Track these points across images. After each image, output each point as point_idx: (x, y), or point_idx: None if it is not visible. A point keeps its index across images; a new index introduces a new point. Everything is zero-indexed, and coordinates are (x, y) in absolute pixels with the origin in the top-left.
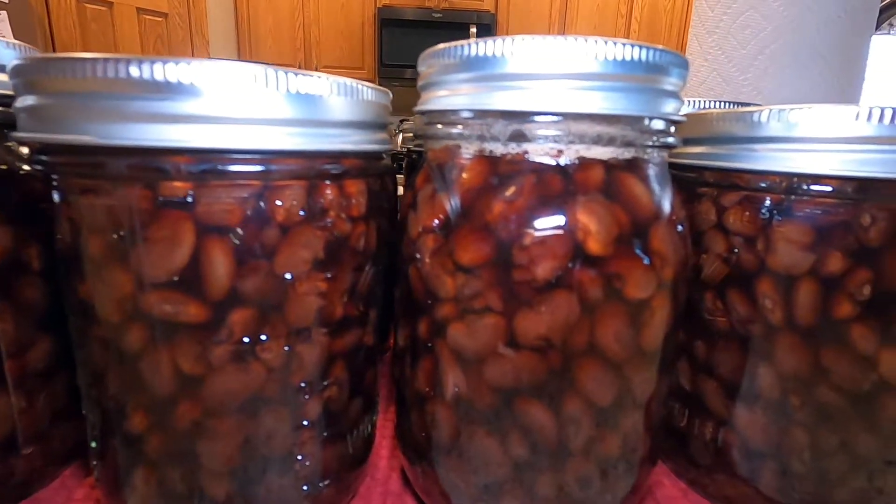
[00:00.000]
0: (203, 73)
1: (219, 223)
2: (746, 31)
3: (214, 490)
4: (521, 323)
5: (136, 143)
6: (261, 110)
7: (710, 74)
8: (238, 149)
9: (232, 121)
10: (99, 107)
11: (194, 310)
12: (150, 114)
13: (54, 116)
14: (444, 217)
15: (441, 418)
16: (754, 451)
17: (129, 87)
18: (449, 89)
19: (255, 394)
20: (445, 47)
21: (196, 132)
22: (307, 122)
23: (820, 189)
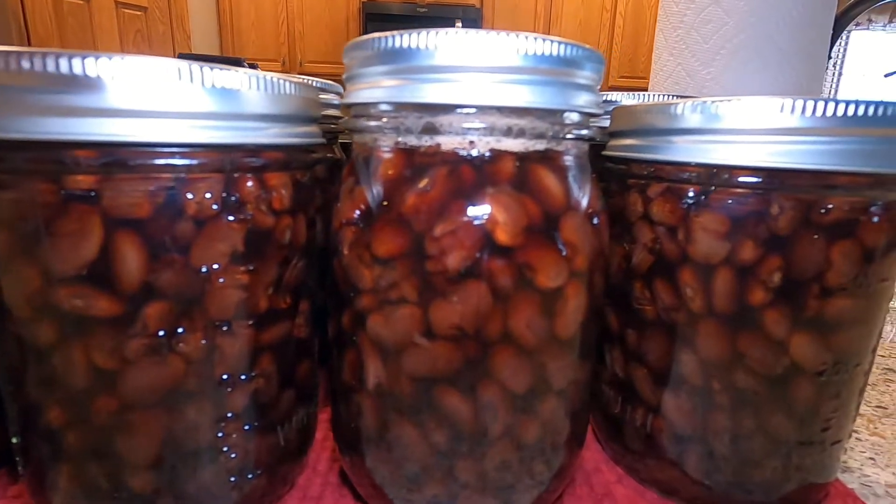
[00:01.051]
0: (107, 67)
1: (127, 216)
2: (709, 26)
3: (138, 484)
4: (436, 313)
5: (39, 136)
6: (169, 104)
7: (675, 69)
8: (143, 142)
9: (137, 114)
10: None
11: (106, 304)
12: (53, 107)
13: None
14: (364, 209)
15: (366, 409)
16: (681, 436)
17: (30, 80)
18: (368, 82)
19: (174, 387)
20: (364, 40)
21: (100, 125)
22: (221, 116)
23: (734, 180)
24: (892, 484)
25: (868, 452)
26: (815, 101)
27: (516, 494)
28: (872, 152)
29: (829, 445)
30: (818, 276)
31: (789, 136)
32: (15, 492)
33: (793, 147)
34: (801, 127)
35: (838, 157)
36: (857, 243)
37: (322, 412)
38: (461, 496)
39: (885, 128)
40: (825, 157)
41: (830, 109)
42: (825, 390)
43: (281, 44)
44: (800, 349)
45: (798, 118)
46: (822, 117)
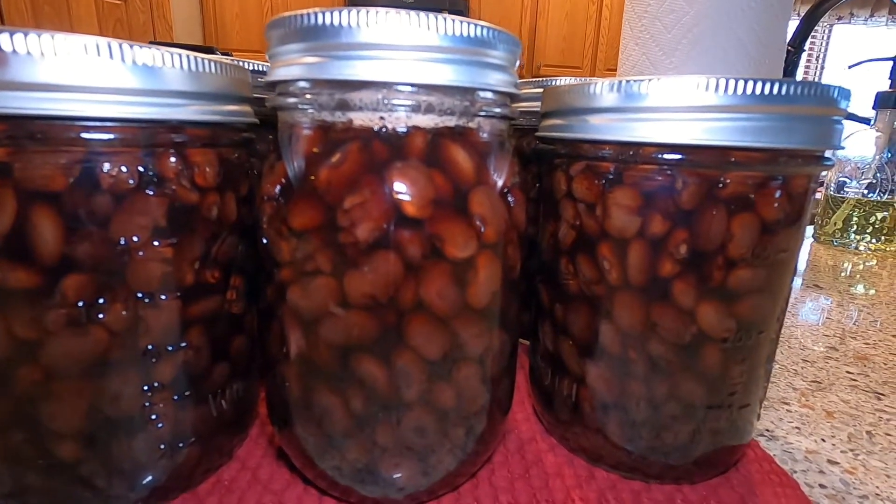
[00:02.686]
0: (23, 42)
1: (41, 189)
2: (671, 16)
3: (63, 452)
4: (349, 283)
5: None
6: (85, 79)
7: (640, 59)
8: (56, 114)
9: (52, 87)
10: None
11: (23, 275)
12: None
13: None
14: (283, 184)
15: (290, 379)
16: (603, 404)
17: None
18: (286, 60)
19: (97, 357)
20: (283, 17)
21: (10, 98)
22: (138, 92)
23: (646, 157)
24: (812, 450)
25: (795, 423)
26: (717, 79)
27: (437, 457)
28: (768, 129)
29: (738, 409)
30: (721, 248)
31: (696, 113)
32: None
33: (698, 124)
34: (705, 105)
35: (738, 134)
36: (755, 216)
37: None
38: (383, 460)
39: (779, 105)
40: (726, 134)
41: (731, 88)
42: (731, 356)
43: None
44: (706, 318)
45: (703, 96)
46: (725, 95)
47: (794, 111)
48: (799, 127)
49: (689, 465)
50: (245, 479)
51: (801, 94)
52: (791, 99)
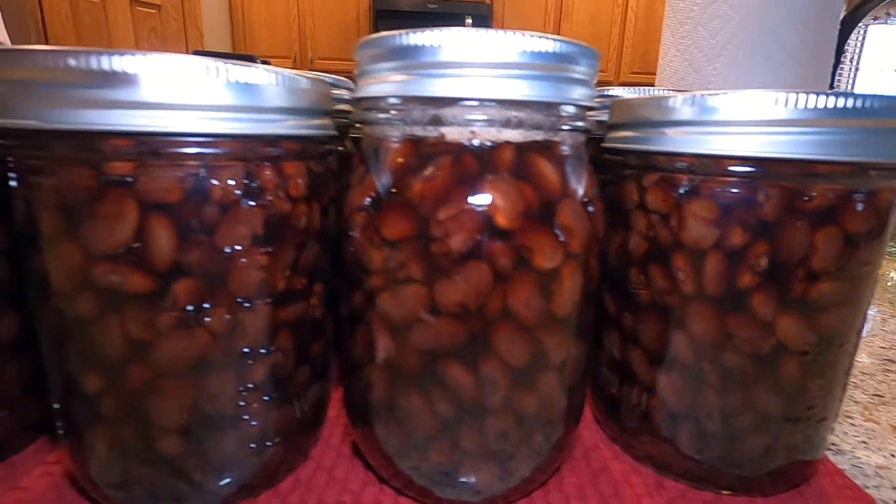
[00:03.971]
0: (140, 64)
1: (160, 201)
2: (715, 22)
3: (167, 447)
4: (440, 291)
5: (80, 126)
6: (196, 97)
7: (681, 65)
8: (173, 132)
9: (168, 106)
10: (47, 94)
11: (140, 280)
12: (93, 100)
13: (8, 102)
14: (374, 195)
15: (376, 382)
16: (673, 413)
17: (72, 76)
18: (377, 78)
19: (200, 357)
20: (374, 38)
21: (134, 117)
22: (242, 109)
23: (723, 169)
24: (882, 465)
25: (861, 437)
26: (797, 93)
27: (515, 463)
28: (852, 142)
29: (816, 423)
30: (803, 261)
31: (775, 127)
32: (53, 458)
33: (778, 138)
34: (786, 119)
35: (822, 147)
36: (840, 229)
37: (334, 391)
38: (464, 463)
39: (864, 119)
40: (808, 147)
41: (812, 102)
42: (810, 369)
43: (292, 41)
44: (785, 330)
45: (783, 110)
46: (806, 109)
47: (880, 124)
48: (885, 140)
49: (763, 478)
50: (322, 478)
51: (885, 108)
52: (876, 112)
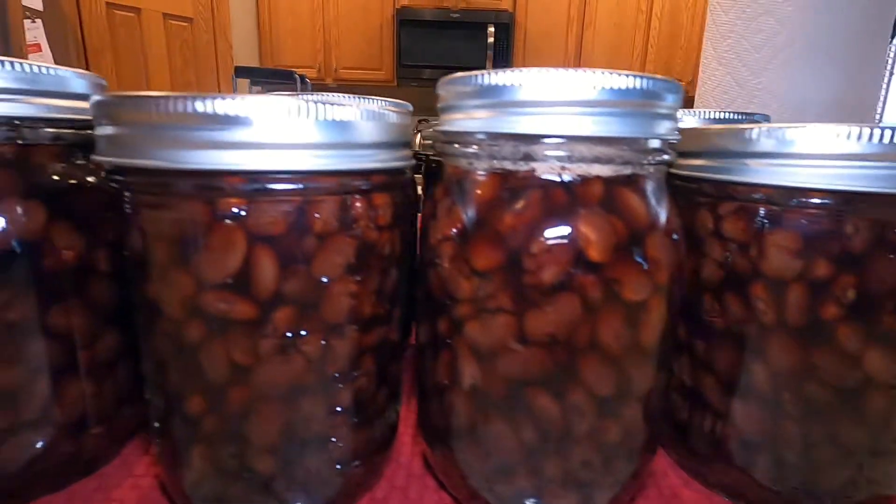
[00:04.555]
0: (251, 107)
1: (265, 233)
2: (760, 36)
3: (261, 466)
4: (530, 321)
5: (199, 166)
6: (299, 137)
7: (724, 78)
8: (281, 170)
9: (275, 146)
10: (167, 136)
11: (244, 308)
12: (209, 141)
13: (130, 143)
14: (461, 226)
15: (459, 407)
16: (750, 442)
17: (191, 120)
18: (464, 113)
19: (296, 382)
20: (462, 76)
21: (246, 157)
22: (339, 146)
23: (807, 201)
24: None
25: None
26: (881, 128)
27: (596, 492)
28: None
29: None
30: (893, 293)
31: (857, 161)
32: (141, 470)
33: (862, 171)
34: (868, 153)
35: None
36: None
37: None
38: (545, 490)
39: None
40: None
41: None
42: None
43: (317, 51)
44: (874, 363)
45: (868, 144)
46: (889, 144)
47: None
48: None
49: None
50: (397, 498)
51: None
52: None
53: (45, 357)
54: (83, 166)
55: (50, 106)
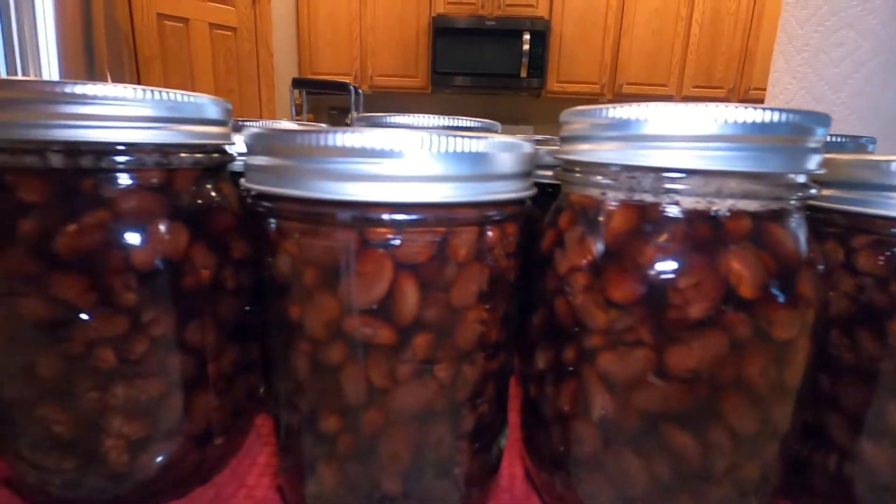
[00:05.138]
0: (402, 142)
1: (411, 262)
2: (840, 50)
3: (390, 487)
4: (672, 357)
5: (352, 198)
6: (445, 169)
7: (798, 92)
8: (429, 202)
9: (424, 179)
10: (321, 168)
11: (387, 333)
12: (363, 174)
13: (284, 174)
14: (594, 257)
15: (585, 436)
16: (879, 484)
17: (344, 153)
18: (596, 144)
19: (428, 406)
20: (595, 109)
21: (397, 189)
22: (480, 178)
23: None
24: None
25: None
26: None
27: None
28: None
29: None
30: None
31: None
32: (252, 480)
33: None
34: None
35: None
36: None
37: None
38: None
39: None
40: None
41: None
42: None
43: (353, 59)
44: None
45: None
46: None
47: None
48: None
49: None
50: None
51: None
52: None
53: (180, 371)
54: (214, 189)
55: (191, 132)
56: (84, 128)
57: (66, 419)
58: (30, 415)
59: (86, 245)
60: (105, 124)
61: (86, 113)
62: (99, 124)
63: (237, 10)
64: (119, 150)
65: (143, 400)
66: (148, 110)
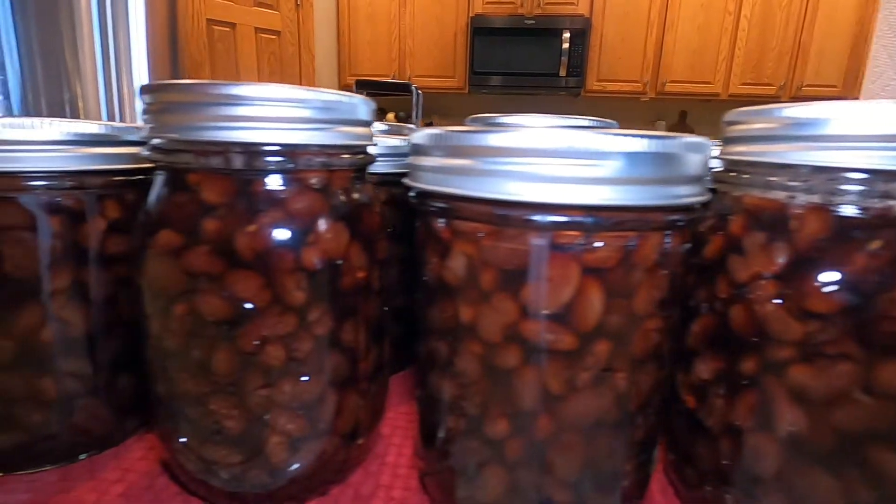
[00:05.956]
0: (604, 143)
1: (598, 266)
2: None
3: (558, 496)
4: (885, 372)
5: (540, 199)
6: (640, 171)
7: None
8: (622, 205)
9: (617, 181)
10: (513, 169)
11: (569, 339)
12: (551, 175)
13: (464, 174)
14: (782, 264)
15: (764, 451)
16: None
17: (533, 154)
18: (778, 144)
19: (602, 415)
20: (777, 107)
21: (589, 192)
22: (670, 181)
23: None
24: None
25: None
26: None
27: None
28: None
29: None
30: None
31: None
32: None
33: None
34: None
35: None
36: None
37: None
38: None
39: None
40: None
41: None
42: None
43: (392, 60)
44: None
45: None
46: None
47: None
48: None
49: None
50: None
51: None
52: None
53: (336, 370)
54: (361, 190)
55: (349, 133)
56: (261, 129)
57: (237, 414)
58: (203, 409)
59: (262, 245)
60: (280, 126)
61: (263, 115)
62: (275, 126)
63: (281, 14)
64: (292, 152)
65: (306, 398)
66: (315, 112)
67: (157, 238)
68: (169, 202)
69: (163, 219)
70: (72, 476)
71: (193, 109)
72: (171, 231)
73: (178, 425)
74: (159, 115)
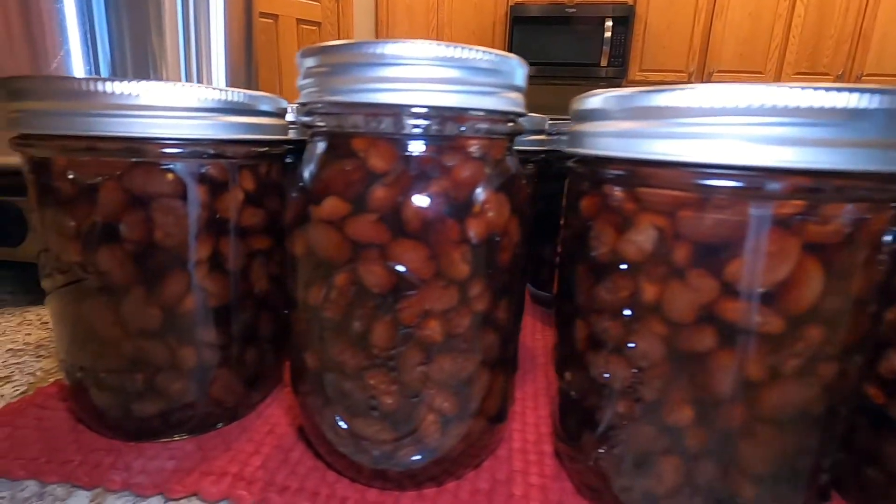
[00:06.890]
0: (830, 99)
1: (822, 242)
2: None
3: (743, 492)
4: None
5: (769, 164)
6: (876, 131)
7: None
8: (858, 171)
9: (850, 144)
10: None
11: (778, 321)
12: (784, 137)
13: (655, 137)
14: None
15: None
16: None
17: (752, 113)
18: None
19: (804, 408)
20: None
21: (818, 154)
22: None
23: None
24: None
25: None
26: None
27: None
28: None
29: None
30: None
31: None
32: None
33: None
34: None
35: None
36: None
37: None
38: None
39: None
40: None
41: None
42: None
43: None
44: None
45: None
46: None
47: None
48: None
49: None
50: None
51: None
52: None
53: (488, 348)
54: (511, 160)
55: (508, 99)
56: (435, 92)
57: (394, 390)
58: (359, 383)
59: (431, 214)
60: (451, 88)
61: (438, 77)
62: (446, 88)
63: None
64: (460, 116)
65: (462, 376)
66: (482, 76)
67: (323, 206)
68: (334, 169)
69: (328, 186)
70: (207, 446)
71: (365, 70)
72: (338, 198)
73: (329, 399)
74: (326, 77)
